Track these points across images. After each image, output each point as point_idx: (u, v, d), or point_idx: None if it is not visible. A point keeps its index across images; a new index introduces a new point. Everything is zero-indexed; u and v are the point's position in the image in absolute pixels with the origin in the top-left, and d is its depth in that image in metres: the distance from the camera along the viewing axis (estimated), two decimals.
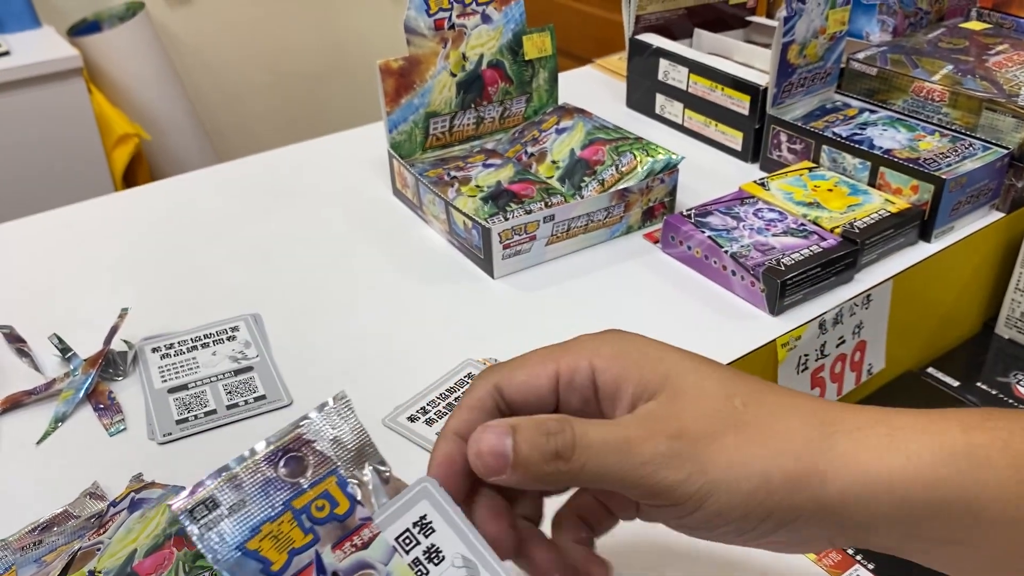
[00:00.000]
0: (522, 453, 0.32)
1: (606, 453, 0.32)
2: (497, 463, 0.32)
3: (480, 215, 0.71)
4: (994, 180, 0.75)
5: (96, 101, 1.81)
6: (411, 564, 0.31)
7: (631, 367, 0.34)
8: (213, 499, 0.30)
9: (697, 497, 0.31)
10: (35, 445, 0.56)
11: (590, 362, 0.34)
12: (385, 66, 0.77)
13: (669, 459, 0.31)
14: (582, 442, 0.32)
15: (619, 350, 0.35)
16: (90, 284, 0.72)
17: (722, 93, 0.87)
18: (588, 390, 0.35)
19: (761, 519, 0.32)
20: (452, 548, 0.32)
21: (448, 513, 0.32)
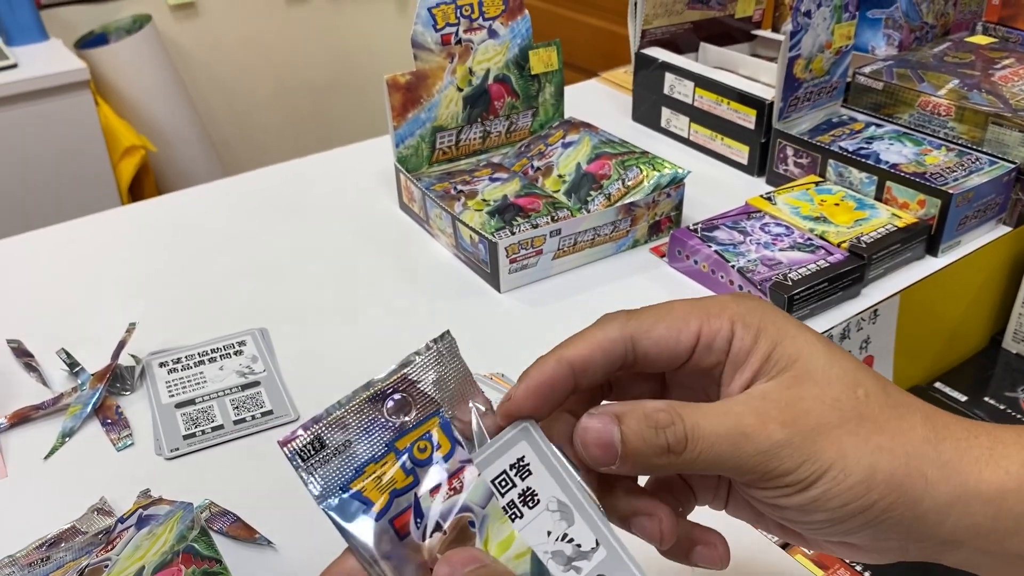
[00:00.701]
0: (631, 445, 0.31)
1: (719, 445, 0.31)
2: (605, 455, 0.31)
3: (487, 229, 0.71)
4: (1001, 194, 0.75)
5: (103, 113, 1.81)
6: (505, 507, 0.31)
7: (766, 340, 0.33)
8: (320, 439, 0.29)
9: (804, 483, 0.31)
10: (43, 460, 0.56)
11: (732, 327, 0.34)
12: (392, 81, 0.77)
13: (783, 448, 0.31)
14: (694, 435, 0.31)
15: (761, 320, 0.34)
16: (98, 299, 0.72)
17: (728, 107, 0.87)
18: (723, 354, 0.34)
19: (857, 511, 0.32)
20: (548, 492, 0.31)
21: (546, 455, 0.32)
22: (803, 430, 0.31)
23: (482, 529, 0.30)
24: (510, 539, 0.30)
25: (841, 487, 0.31)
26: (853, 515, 0.32)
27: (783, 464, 0.31)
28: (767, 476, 0.31)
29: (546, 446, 0.32)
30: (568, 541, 0.31)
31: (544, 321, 0.68)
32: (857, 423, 0.32)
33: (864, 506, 0.32)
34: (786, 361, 0.33)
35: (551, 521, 0.31)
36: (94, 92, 1.79)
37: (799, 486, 0.31)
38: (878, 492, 0.31)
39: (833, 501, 0.31)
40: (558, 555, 0.31)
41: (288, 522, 0.51)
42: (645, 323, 0.34)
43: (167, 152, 2.07)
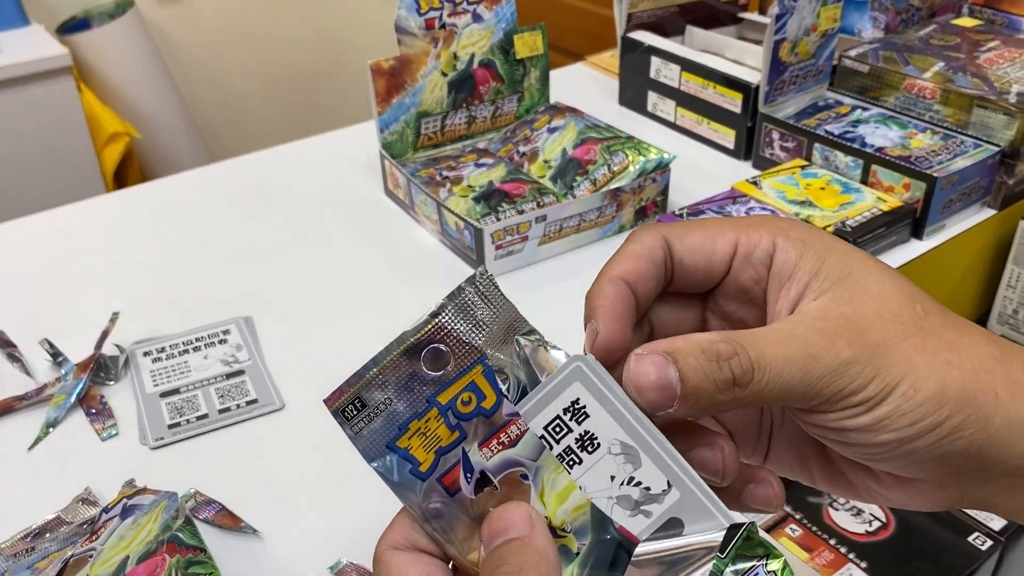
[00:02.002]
0: (692, 383, 0.28)
1: (788, 370, 0.29)
2: (663, 398, 0.28)
3: (472, 215, 0.71)
4: (985, 177, 0.76)
5: (86, 99, 1.80)
6: (561, 454, 0.28)
7: (813, 255, 0.31)
8: (360, 399, 0.29)
9: (874, 401, 0.30)
10: (27, 451, 0.55)
11: (774, 239, 0.32)
12: (376, 66, 0.77)
13: (852, 366, 0.29)
14: (760, 363, 0.29)
15: (806, 235, 0.32)
16: (81, 288, 0.72)
17: (714, 91, 0.87)
18: (763, 268, 0.32)
19: (925, 430, 0.30)
20: (608, 434, 0.29)
21: (604, 394, 0.29)
22: (870, 345, 0.30)
23: (536, 481, 0.29)
24: (568, 490, 0.28)
25: (912, 403, 0.30)
26: (922, 433, 0.30)
27: (854, 382, 0.29)
28: (836, 397, 0.29)
29: (603, 384, 0.29)
30: (635, 485, 0.28)
31: (530, 307, 0.68)
32: (921, 338, 0.30)
33: (935, 423, 0.30)
34: (837, 275, 0.31)
35: (614, 465, 0.28)
36: (77, 78, 1.77)
37: (869, 404, 0.30)
38: (949, 408, 0.30)
39: (904, 419, 0.30)
40: (624, 500, 0.28)
41: (273, 511, 0.51)
42: (679, 230, 0.33)
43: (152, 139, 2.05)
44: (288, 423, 0.57)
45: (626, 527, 0.28)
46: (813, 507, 0.65)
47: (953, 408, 0.30)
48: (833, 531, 0.64)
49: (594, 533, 0.28)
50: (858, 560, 0.61)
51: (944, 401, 0.30)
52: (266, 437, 0.56)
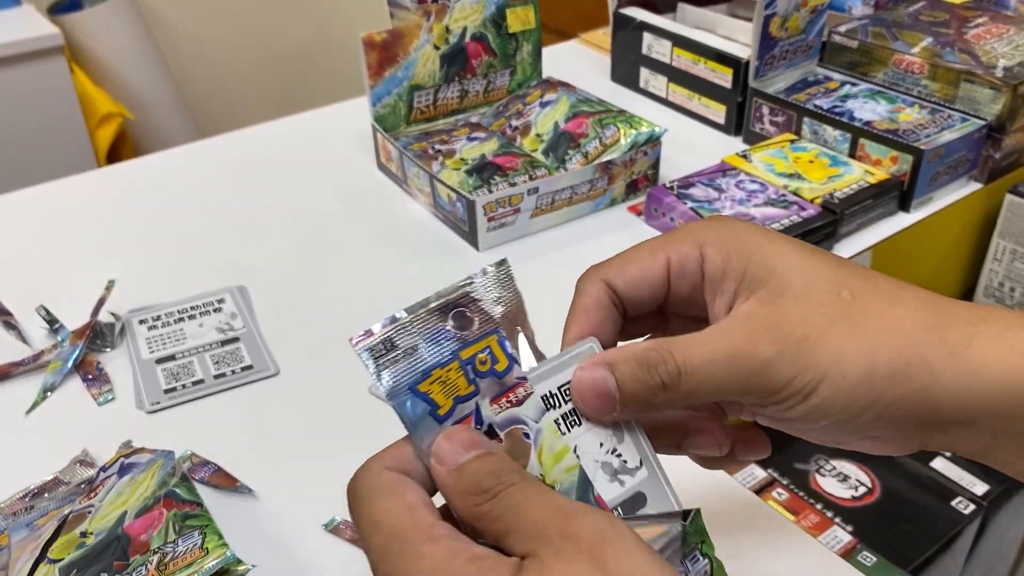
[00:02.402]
0: (628, 390, 0.31)
1: (713, 371, 0.31)
2: (604, 404, 0.32)
3: (465, 188, 0.72)
4: (972, 151, 0.76)
5: (78, 80, 1.79)
6: (560, 419, 0.32)
7: (738, 258, 0.33)
8: (391, 340, 0.31)
9: (804, 392, 0.31)
10: (24, 415, 0.56)
11: (700, 251, 0.34)
12: (368, 39, 0.77)
13: (774, 363, 0.31)
14: (687, 367, 0.31)
15: (729, 239, 0.34)
16: (76, 258, 0.72)
17: (705, 66, 0.87)
18: (697, 277, 0.35)
19: (862, 410, 0.32)
20: None
21: None
22: (793, 342, 0.31)
23: (536, 441, 0.32)
24: (563, 452, 0.32)
25: (841, 390, 0.31)
26: (861, 413, 0.32)
27: (779, 378, 0.31)
28: (766, 393, 0.32)
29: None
30: (616, 455, 0.33)
31: (523, 279, 0.68)
32: (848, 324, 0.32)
33: (869, 403, 0.32)
34: (762, 274, 0.33)
35: (604, 435, 0.33)
36: (68, 59, 1.77)
37: (799, 397, 0.31)
38: (880, 387, 0.31)
39: (837, 403, 0.31)
40: (606, 466, 0.33)
41: (268, 471, 0.52)
42: (616, 268, 0.35)
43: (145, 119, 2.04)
44: (282, 388, 0.58)
45: (602, 493, 0.32)
46: (800, 473, 0.67)
47: (885, 386, 0.31)
48: (819, 496, 0.65)
49: (577, 493, 0.32)
50: (843, 524, 0.63)
51: (875, 381, 0.31)
52: (261, 402, 0.57)
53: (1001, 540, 0.73)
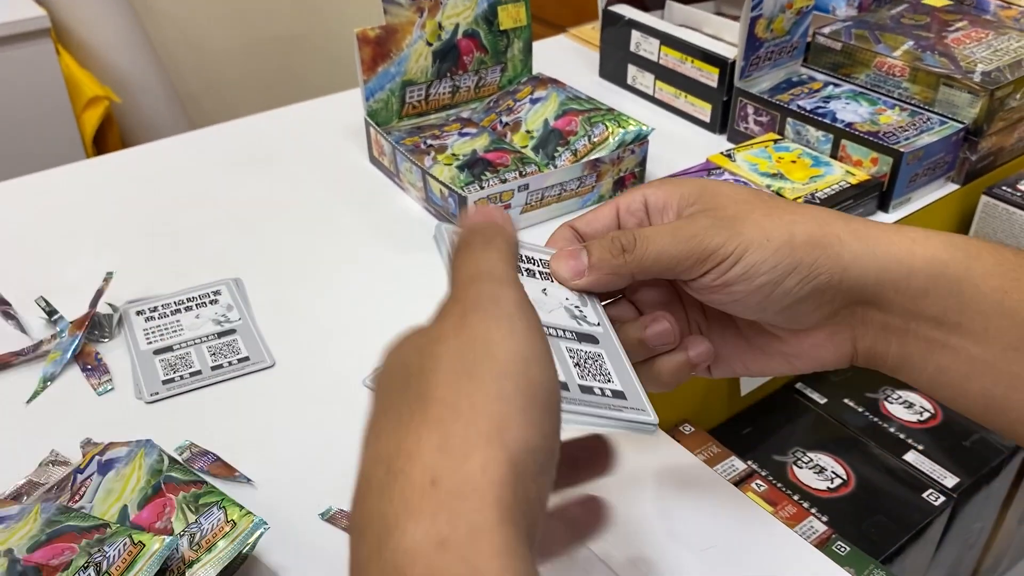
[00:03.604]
0: (595, 255, 0.40)
1: (660, 237, 0.39)
2: (577, 265, 0.40)
3: (456, 183, 0.73)
4: (950, 153, 0.79)
5: (64, 63, 1.78)
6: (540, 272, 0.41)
7: (673, 188, 0.42)
8: None
9: (735, 254, 0.39)
10: (25, 404, 0.57)
11: (643, 193, 0.43)
12: (362, 35, 0.78)
13: (709, 229, 0.39)
14: (640, 235, 0.40)
15: (664, 180, 0.44)
16: (73, 249, 0.73)
17: (692, 65, 0.89)
18: (641, 212, 0.43)
19: (788, 271, 0.39)
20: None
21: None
22: (724, 217, 0.40)
23: None
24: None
25: (767, 250, 0.39)
26: (787, 274, 0.39)
27: (713, 240, 0.39)
28: (703, 256, 0.39)
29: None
30: (577, 308, 0.41)
31: None
32: (768, 209, 0.40)
33: (793, 263, 0.39)
34: (696, 192, 0.42)
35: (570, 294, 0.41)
36: (55, 40, 1.76)
37: (732, 259, 0.39)
38: (802, 252, 0.39)
39: (766, 263, 0.39)
40: (568, 310, 0.41)
41: (266, 461, 0.53)
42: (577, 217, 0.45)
43: (132, 103, 2.04)
44: (279, 379, 0.60)
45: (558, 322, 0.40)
46: (778, 464, 0.69)
47: (805, 252, 0.39)
48: (796, 487, 0.67)
49: None
50: (819, 514, 0.65)
51: (796, 246, 0.39)
52: (258, 392, 0.59)
53: (969, 530, 0.76)
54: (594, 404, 0.36)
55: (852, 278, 0.39)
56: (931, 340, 0.40)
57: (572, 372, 0.37)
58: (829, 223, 0.40)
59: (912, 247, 0.39)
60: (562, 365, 0.37)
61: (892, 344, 0.41)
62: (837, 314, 0.41)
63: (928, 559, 0.70)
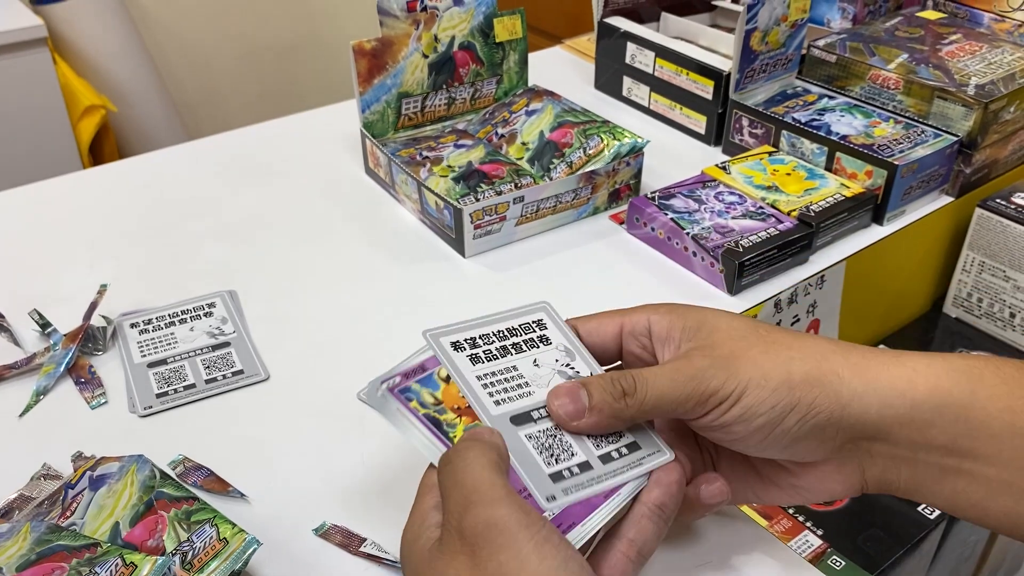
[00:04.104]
0: (595, 397, 0.40)
1: (660, 381, 0.40)
2: (576, 409, 0.40)
3: (452, 195, 0.73)
4: (944, 166, 0.79)
5: (61, 71, 1.78)
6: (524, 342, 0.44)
7: (676, 318, 0.43)
8: None
9: (734, 395, 0.39)
10: (18, 417, 0.57)
11: (648, 318, 0.43)
12: (358, 47, 0.78)
13: (708, 371, 0.39)
14: (640, 377, 0.40)
15: (670, 307, 0.44)
16: (67, 261, 0.73)
17: (687, 78, 0.89)
18: (645, 338, 0.44)
19: (786, 411, 0.39)
20: (558, 340, 0.45)
21: (558, 323, 0.46)
22: (721, 357, 0.40)
23: None
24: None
25: (765, 391, 0.39)
26: (785, 414, 0.39)
27: (711, 383, 0.39)
28: (702, 399, 0.39)
29: (559, 318, 0.46)
30: (570, 367, 0.44)
31: (508, 285, 0.70)
32: (764, 346, 0.40)
33: (791, 404, 0.38)
34: (696, 324, 0.42)
35: (559, 354, 0.44)
36: (52, 50, 1.76)
37: (732, 399, 0.39)
38: (800, 391, 0.39)
39: (764, 404, 0.39)
40: (562, 373, 0.43)
41: (260, 476, 0.53)
42: (583, 318, 0.46)
43: (128, 113, 2.04)
44: (273, 393, 0.60)
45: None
46: None
47: (803, 391, 0.39)
48: None
49: None
50: (814, 528, 0.65)
51: (793, 385, 0.39)
52: (252, 406, 0.58)
53: (964, 544, 0.76)
54: (618, 471, 0.40)
55: (852, 415, 0.39)
56: (943, 467, 0.40)
57: (588, 446, 0.40)
58: (827, 358, 0.40)
59: (913, 378, 0.39)
60: (580, 445, 0.40)
61: (903, 472, 0.41)
62: (842, 448, 0.41)
63: (923, 573, 0.70)
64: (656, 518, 0.39)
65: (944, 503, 0.41)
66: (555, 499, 0.38)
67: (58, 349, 0.61)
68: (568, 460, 0.39)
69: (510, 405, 0.41)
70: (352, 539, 0.48)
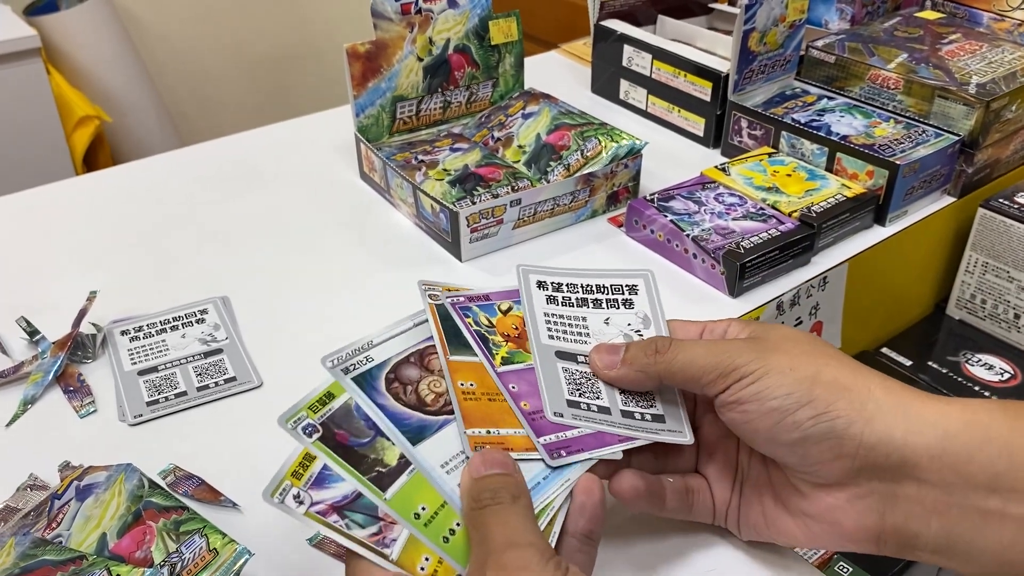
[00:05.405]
0: (630, 352, 0.43)
1: (695, 348, 0.41)
2: (612, 358, 0.43)
3: (447, 199, 0.72)
4: (946, 166, 0.78)
5: (55, 82, 1.78)
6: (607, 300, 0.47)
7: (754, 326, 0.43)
8: None
9: (755, 374, 0.39)
10: (4, 427, 0.56)
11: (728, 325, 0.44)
12: (352, 50, 0.77)
13: (741, 348, 0.40)
14: (676, 342, 0.42)
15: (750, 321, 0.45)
16: (56, 268, 0.72)
17: (685, 79, 0.88)
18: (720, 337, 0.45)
19: (801, 403, 0.38)
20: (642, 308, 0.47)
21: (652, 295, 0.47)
22: (761, 346, 0.40)
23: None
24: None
25: (787, 378, 0.38)
26: (800, 404, 0.37)
27: (739, 358, 0.39)
28: (726, 371, 0.39)
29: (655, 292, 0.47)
30: (639, 334, 0.45)
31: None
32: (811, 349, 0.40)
33: (809, 397, 0.37)
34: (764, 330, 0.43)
35: (635, 319, 0.46)
36: (45, 60, 1.75)
37: (751, 377, 0.39)
38: (822, 388, 0.38)
39: (780, 388, 0.38)
40: (628, 337, 0.45)
41: (253, 484, 0.51)
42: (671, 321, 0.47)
43: (122, 123, 2.03)
44: (266, 400, 0.58)
45: None
46: None
47: (825, 389, 0.38)
48: None
49: None
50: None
51: (818, 382, 0.38)
52: (245, 414, 0.57)
53: None
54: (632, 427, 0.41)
55: (875, 433, 0.36)
56: (985, 512, 0.35)
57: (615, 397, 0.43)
58: (864, 375, 0.39)
59: (946, 409, 0.36)
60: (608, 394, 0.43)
61: (932, 523, 0.36)
62: (860, 474, 0.37)
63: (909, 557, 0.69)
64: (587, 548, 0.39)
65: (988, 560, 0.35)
66: (562, 416, 0.41)
67: (46, 357, 0.60)
68: (591, 399, 0.42)
69: (561, 343, 0.44)
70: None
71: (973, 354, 0.82)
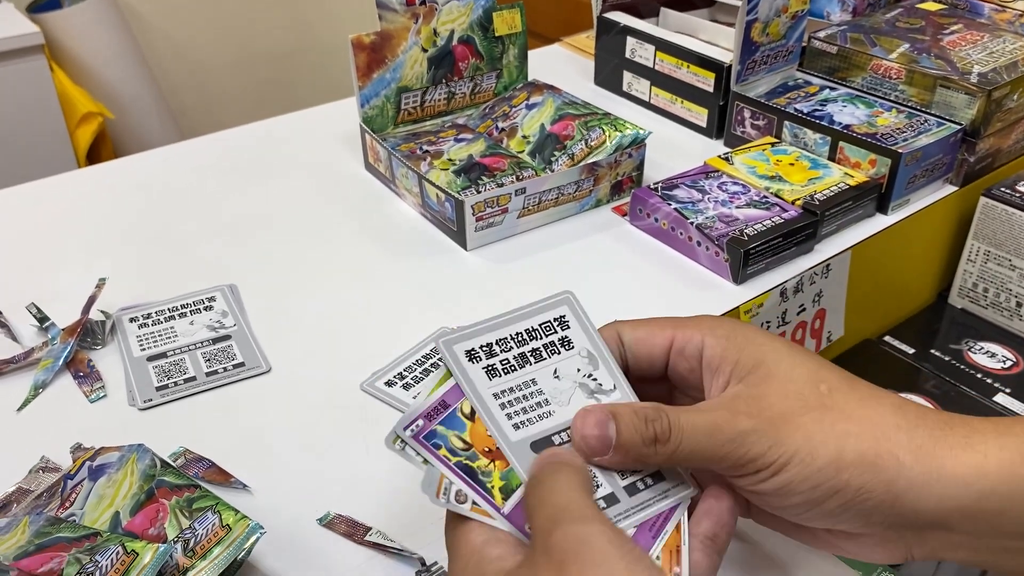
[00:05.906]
0: (623, 436, 0.35)
1: (697, 435, 0.35)
2: (601, 445, 0.36)
3: (453, 188, 0.73)
4: (948, 155, 0.78)
5: (58, 79, 1.78)
6: (543, 347, 0.40)
7: (733, 349, 0.38)
8: None
9: (774, 467, 0.34)
10: (16, 412, 0.56)
11: (703, 338, 0.39)
12: (357, 40, 0.78)
13: (750, 436, 0.35)
14: (676, 426, 0.35)
15: (729, 332, 0.38)
16: (65, 257, 0.73)
17: (688, 71, 0.89)
18: (695, 360, 0.39)
19: (828, 495, 0.34)
20: (580, 343, 0.40)
21: (582, 320, 0.41)
22: (768, 419, 0.35)
23: None
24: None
25: (810, 469, 0.34)
26: (828, 496, 0.34)
27: (752, 449, 0.35)
28: (740, 463, 0.35)
29: (583, 314, 0.41)
30: (592, 379, 0.39)
31: (510, 278, 0.70)
32: (821, 412, 0.35)
33: (836, 487, 0.34)
34: (752, 364, 0.37)
35: (582, 362, 0.40)
36: (48, 57, 1.76)
37: (771, 470, 0.35)
38: (848, 473, 0.34)
39: (806, 483, 0.34)
40: (584, 387, 0.39)
41: (262, 467, 0.52)
42: (629, 324, 0.41)
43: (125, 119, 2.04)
44: (275, 385, 0.59)
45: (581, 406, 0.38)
46: None
47: (853, 473, 0.34)
48: None
49: None
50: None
51: (842, 466, 0.34)
52: (254, 398, 0.58)
53: None
54: (644, 504, 0.37)
55: (907, 505, 0.34)
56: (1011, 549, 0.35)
57: (613, 477, 0.37)
58: (888, 436, 0.35)
59: (983, 465, 0.34)
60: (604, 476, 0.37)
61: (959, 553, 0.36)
62: (889, 528, 0.36)
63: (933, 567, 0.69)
64: (709, 551, 0.36)
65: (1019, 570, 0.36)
66: None
67: (56, 343, 0.60)
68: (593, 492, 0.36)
69: (530, 429, 0.38)
70: (357, 528, 0.47)
71: (975, 342, 0.82)
